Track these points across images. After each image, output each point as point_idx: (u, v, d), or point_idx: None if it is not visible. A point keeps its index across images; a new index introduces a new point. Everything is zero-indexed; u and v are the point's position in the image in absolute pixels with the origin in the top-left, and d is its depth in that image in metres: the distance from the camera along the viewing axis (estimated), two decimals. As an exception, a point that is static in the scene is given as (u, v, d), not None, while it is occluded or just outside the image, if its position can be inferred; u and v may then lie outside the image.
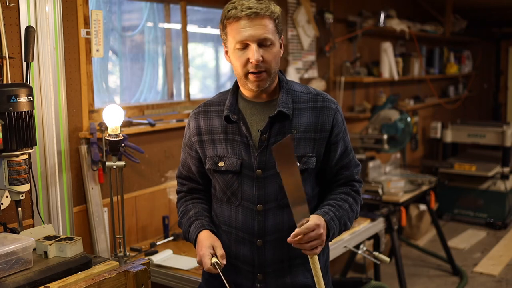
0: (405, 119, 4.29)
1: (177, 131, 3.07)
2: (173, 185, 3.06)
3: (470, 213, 5.76)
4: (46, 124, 2.31)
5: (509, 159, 5.69)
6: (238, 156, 1.67)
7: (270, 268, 1.69)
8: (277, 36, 1.63)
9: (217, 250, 1.66)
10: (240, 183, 1.68)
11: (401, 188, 4.14)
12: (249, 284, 1.71)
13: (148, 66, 3.18)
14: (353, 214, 1.74)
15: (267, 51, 1.60)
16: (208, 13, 3.56)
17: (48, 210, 2.35)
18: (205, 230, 1.73)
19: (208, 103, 1.79)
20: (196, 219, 1.77)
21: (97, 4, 2.78)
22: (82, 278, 1.76)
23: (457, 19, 6.52)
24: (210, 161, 1.72)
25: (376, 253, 3.09)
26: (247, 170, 1.67)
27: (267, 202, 1.67)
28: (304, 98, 1.71)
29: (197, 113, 1.78)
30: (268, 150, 1.65)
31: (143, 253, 2.62)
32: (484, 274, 4.36)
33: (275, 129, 1.66)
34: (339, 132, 1.72)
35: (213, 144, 1.72)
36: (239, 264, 1.72)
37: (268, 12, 1.59)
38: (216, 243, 1.68)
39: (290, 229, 1.60)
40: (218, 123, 1.72)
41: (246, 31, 1.58)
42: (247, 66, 1.61)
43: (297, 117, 1.68)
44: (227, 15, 1.60)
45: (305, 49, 4.10)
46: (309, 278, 1.72)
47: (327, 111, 1.70)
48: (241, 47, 1.60)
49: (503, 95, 7.39)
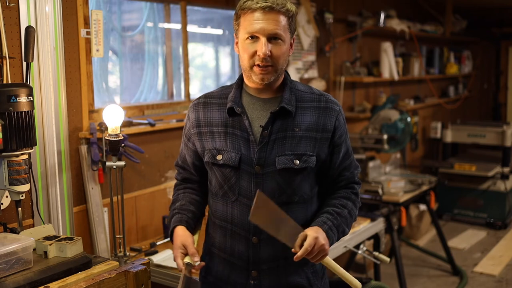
0: (405, 119, 4.29)
1: (177, 131, 3.07)
2: (172, 185, 3.06)
3: (470, 213, 5.76)
4: (46, 124, 2.31)
5: (509, 159, 5.69)
6: (237, 151, 1.66)
7: (265, 265, 1.68)
8: (288, 34, 1.63)
9: (188, 248, 1.64)
10: (238, 178, 1.67)
11: (401, 188, 4.14)
12: (243, 280, 1.71)
13: (148, 66, 3.18)
14: (351, 220, 1.75)
15: (276, 47, 1.59)
16: (208, 13, 3.56)
17: (48, 210, 2.35)
18: (179, 227, 1.70)
19: (209, 95, 1.77)
20: (177, 212, 1.75)
21: (97, 4, 2.78)
22: (82, 278, 1.76)
23: (457, 19, 6.52)
24: (209, 154, 1.71)
25: (376, 253, 3.09)
26: (246, 165, 1.66)
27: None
28: (308, 98, 1.71)
29: (196, 104, 1.77)
30: (269, 146, 1.65)
31: (143, 253, 2.62)
32: (484, 274, 4.36)
33: (277, 125, 1.66)
34: (342, 134, 1.72)
35: (212, 136, 1.71)
36: (234, 260, 1.71)
37: (284, 9, 1.59)
38: (188, 241, 1.65)
39: None
40: (218, 115, 1.71)
41: (258, 23, 1.57)
42: (253, 58, 1.60)
43: (300, 115, 1.68)
44: (242, 6, 1.61)
45: (305, 49, 4.10)
46: (304, 278, 1.73)
47: (330, 112, 1.70)
48: (251, 39, 1.60)
49: (503, 95, 7.39)
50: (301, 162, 1.65)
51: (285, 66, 1.66)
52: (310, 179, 1.71)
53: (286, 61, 1.66)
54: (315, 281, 1.75)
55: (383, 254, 3.14)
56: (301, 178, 1.67)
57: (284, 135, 1.66)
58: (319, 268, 1.77)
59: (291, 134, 1.66)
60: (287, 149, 1.65)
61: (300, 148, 1.66)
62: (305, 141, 1.66)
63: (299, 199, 1.69)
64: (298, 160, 1.64)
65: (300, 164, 1.64)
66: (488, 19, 6.88)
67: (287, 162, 1.64)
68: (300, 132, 1.66)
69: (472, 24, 6.79)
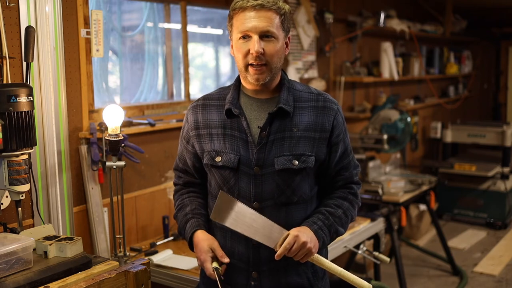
0: (405, 119, 4.29)
1: (177, 131, 3.06)
2: (172, 185, 3.06)
3: (470, 213, 5.76)
4: (46, 124, 2.31)
5: (509, 159, 5.69)
6: (236, 152, 1.66)
7: (265, 267, 1.69)
8: (282, 32, 1.63)
9: (216, 252, 1.67)
10: (237, 180, 1.67)
11: (401, 188, 4.14)
12: (244, 281, 1.71)
13: (148, 66, 3.18)
14: (347, 220, 1.74)
15: (269, 44, 1.60)
16: (208, 13, 3.56)
17: (48, 210, 2.35)
18: (200, 231, 1.72)
19: (208, 97, 1.78)
20: (192, 216, 1.76)
21: (97, 4, 2.78)
22: (82, 278, 1.76)
23: (457, 19, 6.52)
24: (208, 156, 1.71)
25: (376, 253, 3.09)
26: (245, 166, 1.66)
27: (263, 200, 1.66)
28: (306, 97, 1.71)
29: (195, 107, 1.77)
30: (267, 147, 1.65)
31: (143, 253, 2.62)
32: (484, 274, 4.36)
33: (275, 126, 1.66)
34: (340, 133, 1.72)
35: (210, 138, 1.71)
36: (234, 261, 1.71)
37: (275, 6, 1.60)
38: (214, 244, 1.68)
39: (286, 227, 1.62)
40: (216, 117, 1.72)
41: (250, 22, 1.58)
42: (247, 57, 1.61)
43: (298, 116, 1.68)
44: (233, 6, 1.62)
45: (305, 49, 4.10)
46: (304, 278, 1.73)
47: (328, 111, 1.70)
48: (244, 38, 1.60)
49: (503, 95, 7.40)
50: (300, 163, 1.65)
51: (280, 65, 1.66)
52: (309, 180, 1.71)
53: (281, 60, 1.66)
54: (316, 281, 1.75)
55: (383, 254, 3.14)
56: (300, 178, 1.67)
57: (283, 135, 1.66)
58: (319, 269, 1.76)
59: (290, 134, 1.66)
60: (285, 150, 1.65)
61: (298, 149, 1.66)
62: (304, 141, 1.66)
63: (299, 199, 1.69)
64: (297, 160, 1.64)
65: (299, 165, 1.64)
66: (488, 19, 6.88)
67: (286, 162, 1.64)
68: (298, 132, 1.66)
69: (472, 24, 6.79)
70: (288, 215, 1.68)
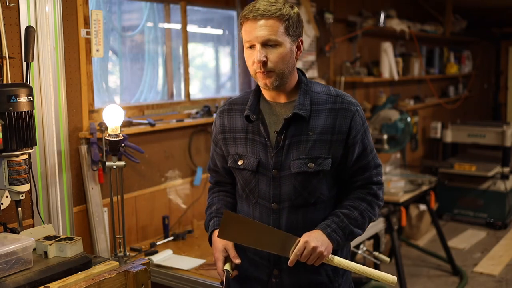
0: (405, 119, 4.29)
1: (177, 131, 3.07)
2: (172, 185, 3.07)
3: (470, 213, 5.76)
4: (46, 124, 2.31)
5: (509, 159, 5.69)
6: (256, 156, 1.73)
7: (286, 265, 1.71)
8: (287, 37, 1.64)
9: (229, 252, 1.73)
10: (257, 182, 1.74)
11: (401, 188, 4.14)
12: (265, 278, 1.77)
13: (148, 66, 3.18)
14: (364, 221, 1.76)
15: (272, 52, 1.62)
16: (208, 13, 3.56)
17: (48, 210, 2.35)
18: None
19: (233, 102, 1.84)
20: (215, 215, 1.85)
21: (97, 4, 2.78)
22: (82, 278, 1.76)
23: (457, 19, 6.52)
24: (231, 159, 1.79)
25: (376, 253, 3.09)
26: (264, 169, 1.72)
27: (281, 201, 1.71)
28: (323, 100, 1.72)
29: (222, 111, 1.84)
30: (284, 151, 1.69)
31: (143, 253, 2.62)
32: (484, 274, 4.36)
33: (292, 130, 1.70)
34: (357, 134, 1.72)
35: (234, 142, 1.78)
36: (257, 258, 1.77)
37: (277, 14, 1.61)
38: (229, 245, 1.74)
39: (304, 227, 1.68)
40: (240, 122, 1.78)
41: (252, 32, 1.62)
42: (254, 66, 1.65)
43: (314, 119, 1.70)
44: (241, 15, 1.67)
45: (305, 49, 4.10)
46: (324, 276, 1.76)
47: (345, 113, 1.71)
48: (250, 47, 1.65)
49: (503, 95, 7.40)
50: (315, 165, 1.68)
51: (289, 69, 1.68)
52: (327, 181, 1.74)
53: (289, 64, 1.67)
54: (336, 278, 1.78)
55: (383, 254, 3.14)
56: (317, 180, 1.70)
57: (299, 139, 1.69)
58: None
59: (306, 138, 1.69)
60: (301, 153, 1.68)
61: (314, 151, 1.68)
62: (320, 144, 1.69)
63: (316, 200, 1.72)
64: (313, 163, 1.68)
65: (314, 167, 1.68)
66: (488, 19, 6.88)
67: (302, 166, 1.68)
68: (314, 135, 1.69)
69: (472, 24, 6.79)
70: (306, 216, 1.72)
